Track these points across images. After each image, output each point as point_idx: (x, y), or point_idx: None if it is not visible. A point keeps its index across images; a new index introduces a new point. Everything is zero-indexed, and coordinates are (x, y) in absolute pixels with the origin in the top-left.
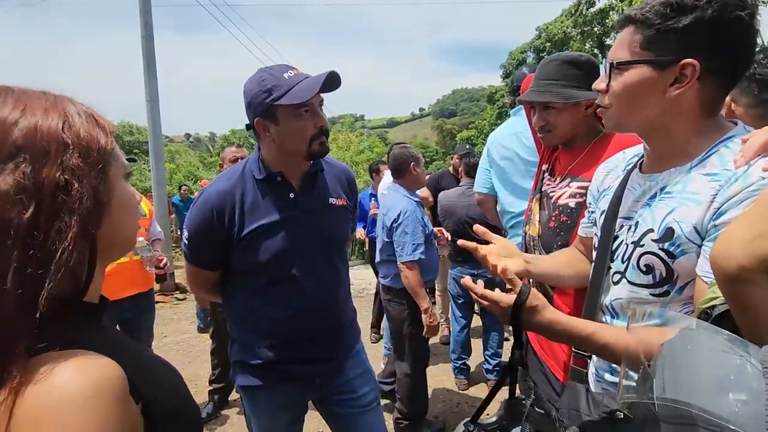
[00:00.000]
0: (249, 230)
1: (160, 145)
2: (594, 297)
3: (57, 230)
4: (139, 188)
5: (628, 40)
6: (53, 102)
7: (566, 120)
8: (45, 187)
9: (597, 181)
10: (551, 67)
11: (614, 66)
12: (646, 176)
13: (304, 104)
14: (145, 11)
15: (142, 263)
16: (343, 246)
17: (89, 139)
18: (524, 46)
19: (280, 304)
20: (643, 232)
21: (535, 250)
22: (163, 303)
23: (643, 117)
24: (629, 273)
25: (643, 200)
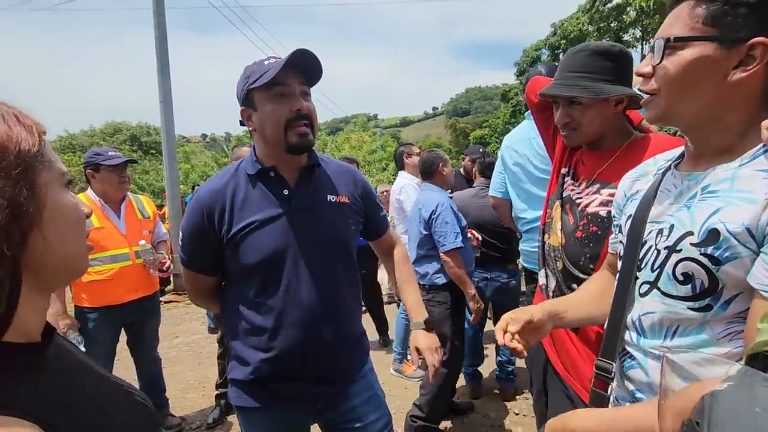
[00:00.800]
0: (239, 228)
1: (173, 146)
2: (618, 312)
3: None
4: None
5: (687, 15)
6: None
7: (594, 117)
8: None
9: (624, 187)
10: (580, 57)
11: (670, 42)
12: (685, 175)
13: (276, 84)
14: (158, 12)
15: (146, 266)
16: (347, 248)
17: (4, 139)
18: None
19: (273, 313)
20: (679, 236)
21: (557, 261)
22: (176, 303)
23: (697, 105)
24: (663, 283)
25: (680, 202)
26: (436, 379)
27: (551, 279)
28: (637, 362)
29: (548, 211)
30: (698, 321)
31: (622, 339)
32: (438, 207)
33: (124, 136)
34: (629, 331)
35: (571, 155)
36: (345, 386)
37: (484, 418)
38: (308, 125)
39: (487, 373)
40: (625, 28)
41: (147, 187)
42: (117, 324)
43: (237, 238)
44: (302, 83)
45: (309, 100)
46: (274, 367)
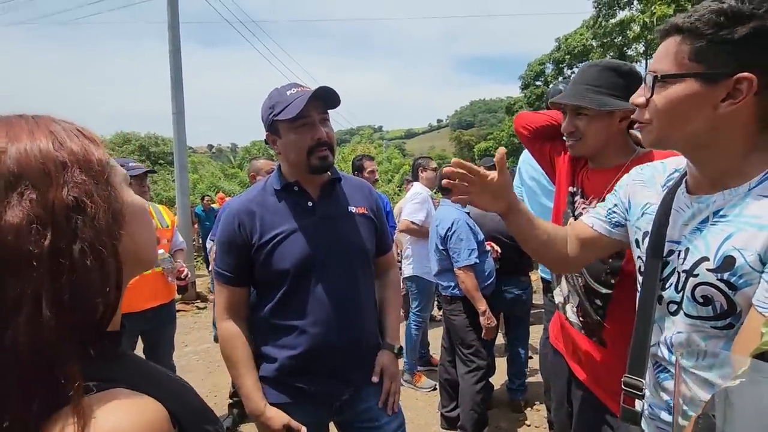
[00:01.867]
0: (268, 238)
1: (185, 156)
2: (644, 329)
3: (81, 251)
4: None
5: (674, 51)
6: (35, 124)
7: (598, 130)
8: (57, 210)
9: (631, 186)
10: (592, 71)
11: (658, 79)
12: (695, 198)
13: (300, 118)
14: (173, 26)
15: (164, 274)
16: (367, 255)
17: (84, 152)
18: (543, 58)
19: (300, 314)
20: (695, 261)
21: (578, 278)
22: (185, 312)
23: (689, 133)
24: (686, 305)
25: (692, 224)
26: (471, 393)
27: (573, 296)
28: (672, 375)
29: None
30: (723, 338)
31: (653, 354)
32: (454, 224)
33: (133, 146)
34: (662, 348)
35: (575, 174)
36: (362, 387)
37: (495, 429)
38: (328, 149)
39: (498, 384)
40: (628, 43)
41: (155, 197)
42: (135, 331)
43: (267, 247)
44: (322, 112)
45: (328, 125)
46: (298, 363)
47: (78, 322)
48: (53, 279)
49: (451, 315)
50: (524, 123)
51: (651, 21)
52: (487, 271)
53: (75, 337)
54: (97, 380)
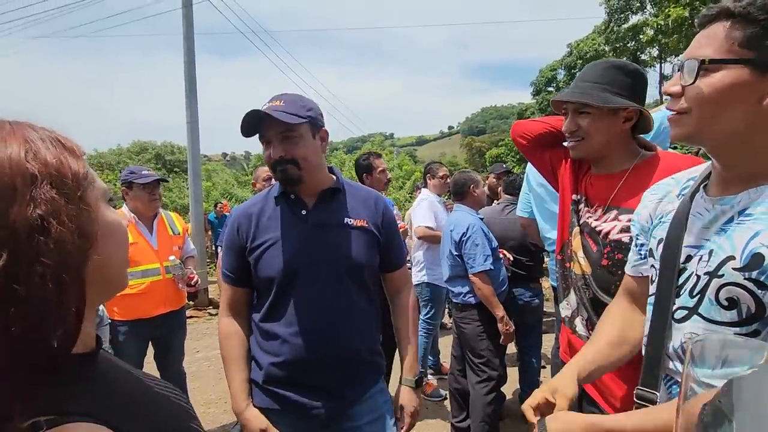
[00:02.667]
0: (259, 242)
1: (198, 165)
2: (657, 340)
3: (40, 276)
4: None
5: (722, 36)
6: (10, 130)
7: (601, 129)
8: (18, 229)
9: (647, 207)
10: (596, 69)
11: (705, 64)
12: (717, 199)
13: (262, 137)
14: (188, 37)
15: (175, 281)
16: (360, 269)
17: (59, 165)
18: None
19: (284, 322)
20: (720, 261)
21: (586, 291)
22: (197, 318)
23: (729, 127)
24: (705, 308)
25: (715, 226)
26: (482, 403)
27: (582, 309)
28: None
29: (567, 239)
30: None
31: (665, 367)
32: (469, 229)
33: (149, 155)
34: (672, 360)
35: (578, 181)
36: (348, 403)
37: None
38: (288, 166)
39: (510, 394)
40: (642, 47)
41: (170, 204)
42: (146, 337)
43: (257, 252)
44: (280, 126)
45: (293, 142)
46: (282, 372)
47: (30, 352)
48: (2, 306)
49: (462, 323)
50: (521, 131)
51: (665, 24)
52: (501, 277)
53: (25, 368)
54: (53, 413)
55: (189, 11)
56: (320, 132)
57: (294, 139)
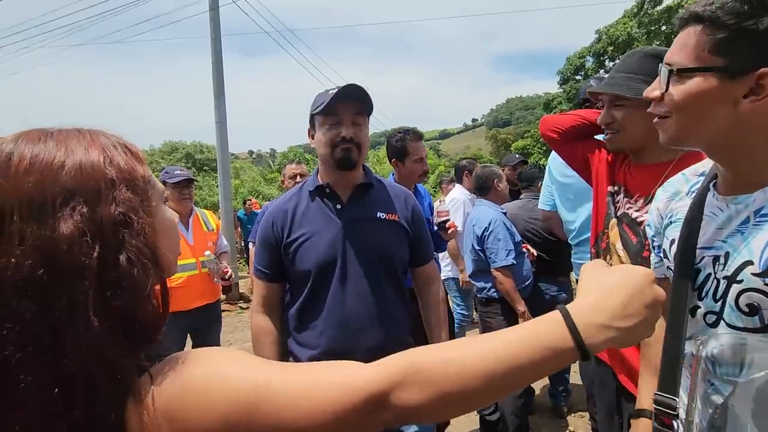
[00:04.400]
0: (295, 236)
1: (227, 163)
2: (675, 343)
3: (127, 262)
4: (208, 203)
5: (693, 42)
6: (90, 138)
7: (637, 122)
8: (105, 225)
9: (659, 207)
10: (632, 59)
11: (674, 72)
12: (730, 199)
13: (330, 114)
14: (215, 39)
15: (210, 275)
16: (393, 262)
17: (130, 169)
18: (583, 51)
19: (321, 314)
20: (738, 266)
21: None
22: (228, 311)
23: (710, 133)
24: (727, 314)
25: (729, 227)
26: (511, 396)
27: None
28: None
29: (602, 232)
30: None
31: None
32: (491, 224)
33: (180, 155)
34: (705, 362)
35: (615, 171)
36: None
37: None
38: (352, 147)
39: (539, 389)
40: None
41: (200, 202)
42: (184, 329)
43: (293, 246)
44: (356, 113)
45: (360, 129)
46: None
47: (129, 325)
48: (102, 287)
49: (487, 317)
50: (552, 126)
51: None
52: (525, 272)
53: (127, 339)
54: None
55: (215, 14)
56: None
57: (361, 126)
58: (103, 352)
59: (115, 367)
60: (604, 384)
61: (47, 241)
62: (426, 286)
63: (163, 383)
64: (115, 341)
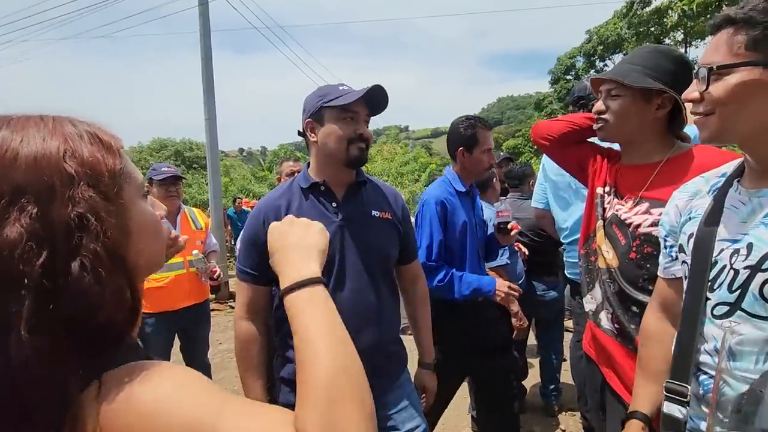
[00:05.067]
0: None
1: (217, 161)
2: (688, 333)
3: (80, 267)
4: (198, 200)
5: (727, 42)
6: (51, 128)
7: (629, 113)
8: (56, 228)
9: (676, 207)
10: (641, 52)
11: (713, 70)
12: (754, 192)
13: (348, 110)
14: (204, 35)
15: (198, 275)
16: (387, 261)
17: (95, 163)
18: (573, 51)
19: None
20: (763, 255)
21: (611, 284)
22: (218, 311)
23: (751, 124)
24: (748, 304)
25: (754, 219)
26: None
27: (606, 303)
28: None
29: (592, 234)
30: None
31: (697, 363)
32: (487, 223)
33: (168, 152)
34: (708, 355)
35: (608, 172)
36: (380, 393)
37: None
38: (365, 145)
39: (530, 387)
40: (665, 32)
41: (189, 200)
42: (172, 329)
43: None
44: (367, 113)
45: (367, 127)
46: None
47: (79, 335)
48: (43, 299)
49: None
50: (543, 134)
51: (690, 8)
52: (518, 271)
53: (75, 350)
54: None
55: (205, 9)
56: None
57: (367, 125)
58: (35, 371)
59: (50, 387)
60: (592, 381)
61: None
62: (413, 284)
63: (113, 400)
64: (54, 358)
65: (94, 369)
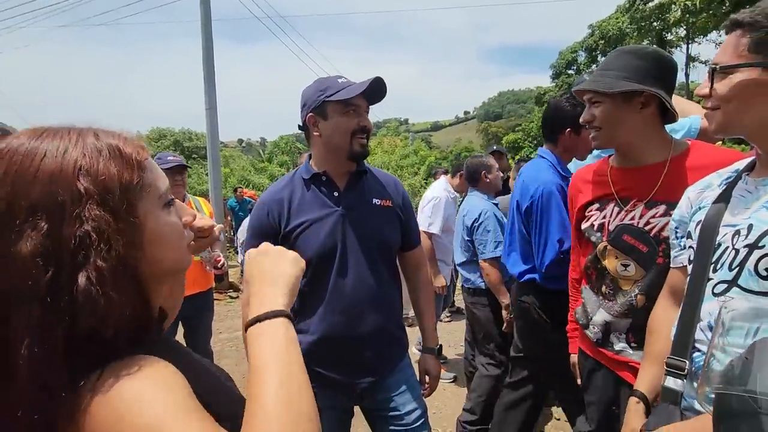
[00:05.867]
0: (294, 225)
1: (217, 151)
2: (690, 311)
3: (86, 282)
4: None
5: (733, 44)
6: (75, 141)
7: (614, 118)
8: (64, 245)
9: (690, 197)
10: (610, 57)
11: (717, 70)
12: (759, 180)
13: (351, 103)
14: (205, 24)
15: (202, 264)
16: (390, 248)
17: (108, 179)
18: (575, 45)
19: (320, 301)
20: (762, 232)
21: (634, 298)
22: (218, 300)
23: (753, 118)
24: (743, 280)
25: (756, 204)
26: (490, 383)
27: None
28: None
29: (588, 263)
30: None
31: (694, 341)
32: (481, 215)
33: (168, 142)
34: (702, 332)
35: (594, 188)
36: (382, 377)
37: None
38: (367, 138)
39: None
40: (668, 27)
41: (189, 191)
42: (176, 318)
43: (293, 235)
44: (368, 104)
45: (368, 118)
46: (318, 350)
47: (88, 342)
48: (50, 311)
49: (474, 308)
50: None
51: (693, 4)
52: None
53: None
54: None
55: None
56: None
57: (367, 114)
58: (40, 380)
59: (50, 394)
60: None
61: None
62: (416, 270)
63: (100, 390)
64: (55, 367)
65: (101, 360)
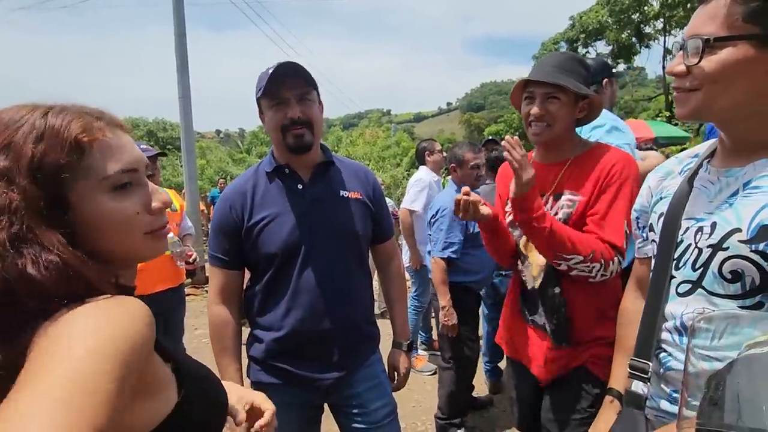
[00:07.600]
0: (257, 219)
1: (192, 142)
2: (653, 311)
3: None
4: (172, 183)
5: (723, 13)
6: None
7: (564, 116)
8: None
9: (650, 185)
10: (563, 57)
11: (710, 43)
12: (722, 171)
13: (275, 96)
14: (178, 9)
15: (173, 258)
16: (358, 241)
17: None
18: (557, 37)
19: (286, 296)
20: (725, 233)
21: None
22: (194, 296)
23: (736, 101)
24: (708, 282)
25: (720, 198)
26: (451, 377)
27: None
28: (679, 362)
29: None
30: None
31: (658, 338)
32: (438, 212)
33: (141, 132)
34: (669, 333)
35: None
36: (349, 372)
37: (503, 413)
38: (305, 127)
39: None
40: (647, 20)
41: (164, 183)
42: None
43: (256, 229)
44: (302, 90)
45: (307, 104)
46: (284, 346)
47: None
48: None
49: (435, 299)
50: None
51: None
52: (477, 265)
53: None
54: None
55: None
56: (320, 104)
57: (310, 102)
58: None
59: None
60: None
61: None
62: (387, 262)
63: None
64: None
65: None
